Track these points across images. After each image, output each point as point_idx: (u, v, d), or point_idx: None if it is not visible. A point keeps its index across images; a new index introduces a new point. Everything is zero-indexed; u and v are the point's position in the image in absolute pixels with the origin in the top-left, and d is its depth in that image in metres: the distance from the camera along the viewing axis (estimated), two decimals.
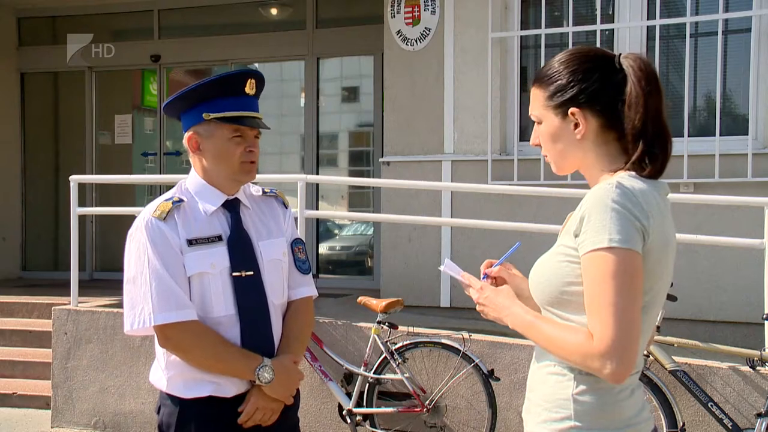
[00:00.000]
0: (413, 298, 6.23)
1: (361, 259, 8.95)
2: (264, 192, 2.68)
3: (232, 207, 2.55)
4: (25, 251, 9.82)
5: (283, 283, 2.60)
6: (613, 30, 6.14)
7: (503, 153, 6.42)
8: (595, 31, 6.10)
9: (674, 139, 5.64)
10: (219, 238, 2.48)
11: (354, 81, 9.07)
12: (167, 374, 2.51)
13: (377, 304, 4.90)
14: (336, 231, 9.14)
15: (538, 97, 1.88)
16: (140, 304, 2.40)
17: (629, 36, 6.01)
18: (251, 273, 2.49)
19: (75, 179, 6.11)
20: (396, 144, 6.70)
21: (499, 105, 6.38)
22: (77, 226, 6.10)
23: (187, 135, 2.54)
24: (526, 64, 6.49)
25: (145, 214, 2.47)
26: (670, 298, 4.27)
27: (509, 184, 6.08)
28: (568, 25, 6.25)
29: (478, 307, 1.98)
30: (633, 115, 1.75)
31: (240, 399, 2.49)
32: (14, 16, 9.70)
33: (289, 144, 9.08)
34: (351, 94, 9.09)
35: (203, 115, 2.47)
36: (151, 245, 2.40)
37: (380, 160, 6.86)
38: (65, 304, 6.03)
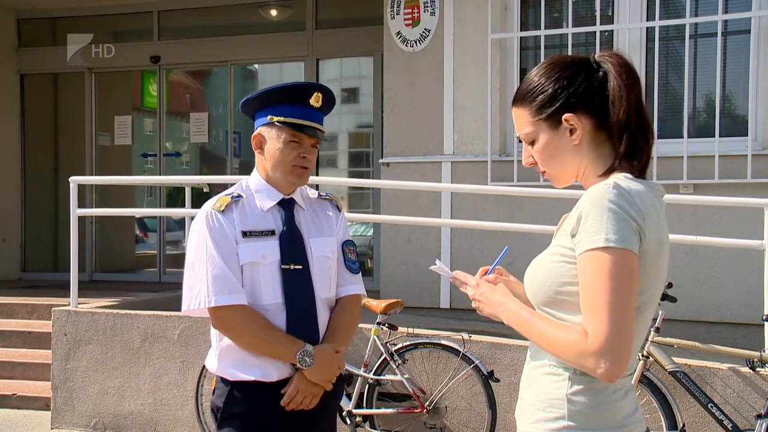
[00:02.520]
0: (413, 299, 6.23)
1: (361, 260, 8.89)
2: (320, 195, 2.87)
3: (287, 205, 2.73)
4: (24, 252, 9.83)
5: (330, 279, 2.77)
6: (612, 31, 6.14)
7: (503, 154, 6.42)
8: (595, 32, 6.10)
9: (674, 140, 5.67)
10: (272, 232, 2.67)
11: (354, 82, 9.12)
12: (219, 359, 2.69)
13: (377, 305, 4.89)
14: None
15: (523, 116, 1.88)
16: (197, 287, 2.60)
17: (629, 37, 6.00)
18: (300, 267, 2.67)
19: (75, 180, 6.11)
20: (396, 145, 6.71)
21: (498, 106, 6.38)
22: (77, 227, 6.10)
23: (254, 134, 2.74)
24: (525, 65, 6.46)
25: (207, 207, 2.68)
26: (670, 299, 4.29)
27: (509, 185, 6.08)
28: (567, 27, 6.25)
29: (473, 304, 1.99)
30: (617, 109, 1.77)
31: (283, 384, 2.65)
32: (14, 18, 9.71)
33: None
34: (351, 95, 9.13)
35: (269, 117, 2.68)
36: (209, 234, 2.60)
37: (380, 161, 6.88)
38: (65, 306, 6.03)
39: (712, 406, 4.24)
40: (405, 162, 6.62)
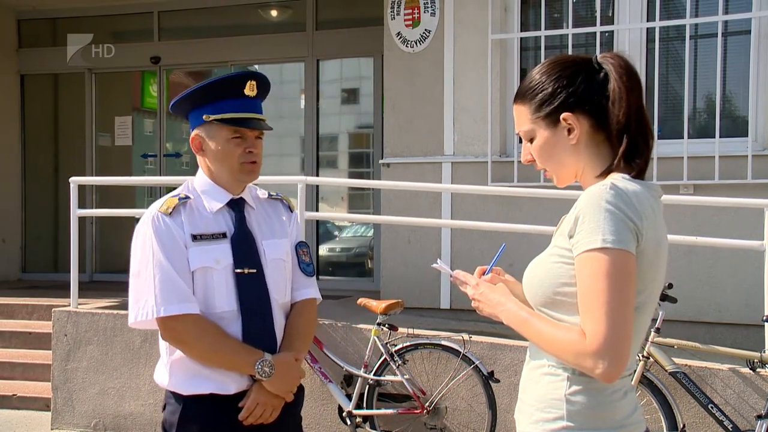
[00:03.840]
0: (413, 299, 6.21)
1: (361, 260, 8.93)
2: (270, 195, 2.74)
3: (236, 206, 2.60)
4: (24, 253, 9.82)
5: (285, 283, 2.64)
6: (612, 32, 6.12)
7: (503, 155, 6.40)
8: (595, 32, 6.08)
9: (674, 141, 5.69)
10: (223, 235, 2.52)
11: (354, 83, 9.05)
12: (170, 372, 2.53)
13: (377, 305, 4.90)
14: (336, 233, 9.12)
15: (522, 113, 1.89)
16: (144, 296, 2.44)
17: (629, 37, 5.99)
18: (254, 270, 2.53)
19: (75, 181, 6.11)
20: (396, 146, 6.68)
21: (499, 107, 6.37)
22: (77, 227, 6.10)
23: (191, 136, 2.60)
24: (526, 65, 6.44)
25: (152, 209, 2.52)
26: (670, 299, 4.30)
27: (509, 186, 6.06)
28: (567, 27, 6.22)
29: (473, 303, 2.00)
30: (617, 111, 1.77)
31: (241, 396, 2.50)
32: (14, 18, 9.70)
33: (289, 146, 9.08)
34: (351, 96, 9.07)
35: (203, 116, 2.52)
36: (156, 239, 2.44)
37: (380, 161, 6.86)
38: (65, 306, 6.04)
39: (712, 407, 4.24)
40: (405, 162, 6.61)
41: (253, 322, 2.51)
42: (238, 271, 2.50)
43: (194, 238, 2.48)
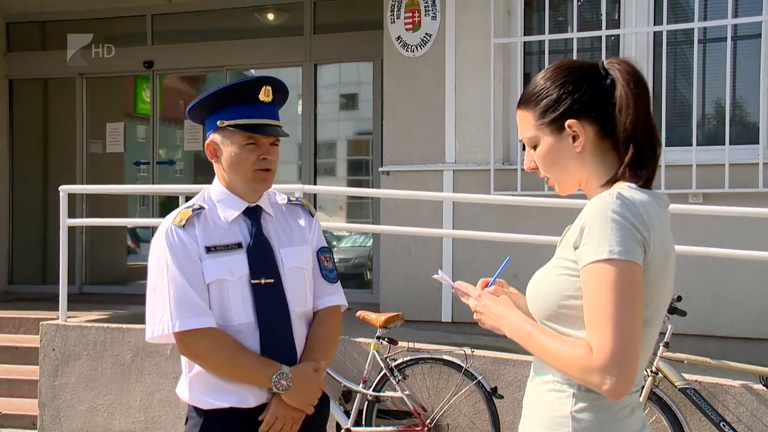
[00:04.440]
0: (414, 312, 6.14)
1: (360, 271, 8.85)
2: (289, 200, 2.73)
3: (253, 214, 2.59)
4: (12, 264, 9.65)
5: (306, 292, 2.63)
6: (618, 36, 6.05)
7: (506, 162, 6.34)
8: (601, 36, 5.99)
9: (682, 148, 5.69)
10: (239, 245, 2.52)
11: (352, 88, 9.02)
12: (190, 386, 2.56)
13: (376, 318, 4.87)
14: (334, 242, 9.03)
15: (526, 119, 1.88)
16: (160, 311, 2.46)
17: (635, 42, 5.92)
18: (271, 281, 2.53)
19: (65, 189, 6.05)
20: (396, 153, 6.61)
21: (501, 113, 6.30)
22: (66, 237, 6.02)
23: (206, 142, 2.60)
24: (529, 70, 6.36)
25: (166, 222, 2.54)
26: (680, 312, 4.26)
27: (512, 195, 5.97)
28: (572, 31, 6.13)
29: (475, 316, 1.99)
30: (624, 119, 1.77)
31: (262, 409, 2.51)
32: (3, 21, 9.55)
33: (286, 153, 8.98)
34: (349, 102, 9.05)
35: (218, 122, 2.54)
36: (170, 253, 2.46)
37: (379, 169, 6.79)
38: (53, 319, 5.97)
39: (724, 425, 4.18)
40: (405, 170, 6.52)
41: (271, 333, 2.51)
42: (255, 281, 2.50)
43: (208, 249, 2.49)
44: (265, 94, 2.55)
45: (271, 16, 8.94)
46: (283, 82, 2.63)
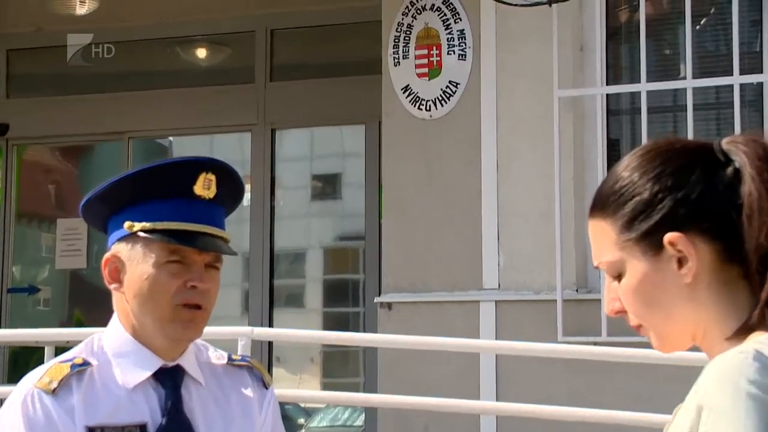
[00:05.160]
0: None
1: None
2: (231, 360, 2.09)
3: (170, 380, 1.96)
4: None
5: None
6: (761, 84, 4.91)
7: (582, 289, 5.14)
8: (732, 85, 4.74)
9: None
10: (142, 428, 1.92)
11: (331, 166, 7.51)
12: None
13: None
14: (300, 420, 7.26)
15: (603, 233, 1.40)
16: None
17: None
18: None
19: None
20: (402, 272, 5.44)
21: (573, 209, 5.02)
22: None
23: (105, 257, 2.00)
24: (617, 135, 5.27)
25: (26, 383, 1.93)
26: None
27: (594, 344, 4.72)
28: (685, 76, 4.94)
29: None
30: (755, 231, 1.31)
31: None
32: None
33: (225, 269, 7.15)
34: (327, 188, 7.49)
35: (126, 225, 1.93)
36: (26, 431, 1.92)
37: (376, 299, 5.51)
38: None
39: None
40: (417, 301, 5.33)
41: None
42: None
43: (91, 431, 1.90)
44: (204, 186, 1.91)
45: (202, 53, 7.26)
46: (233, 168, 2.00)
